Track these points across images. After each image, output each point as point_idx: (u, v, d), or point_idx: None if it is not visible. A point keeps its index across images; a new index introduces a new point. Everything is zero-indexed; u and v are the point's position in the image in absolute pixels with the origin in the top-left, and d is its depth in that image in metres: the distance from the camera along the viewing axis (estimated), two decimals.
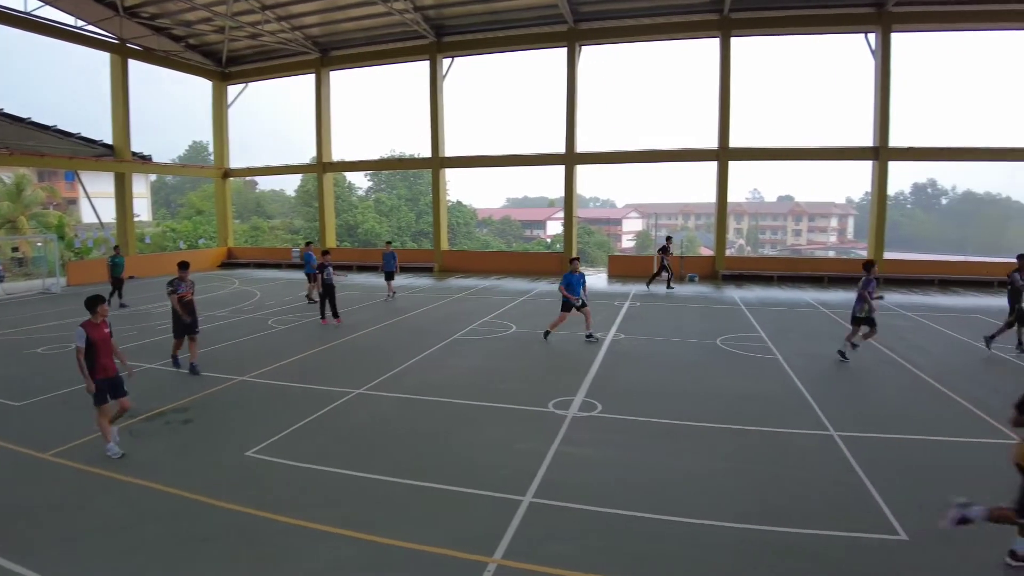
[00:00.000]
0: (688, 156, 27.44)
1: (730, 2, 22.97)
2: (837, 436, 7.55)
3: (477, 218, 63.96)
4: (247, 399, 9.20)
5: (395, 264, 19.69)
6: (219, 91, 31.88)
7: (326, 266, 15.24)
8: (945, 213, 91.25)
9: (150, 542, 5.20)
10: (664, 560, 4.93)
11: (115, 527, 5.45)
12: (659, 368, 11.01)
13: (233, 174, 33.71)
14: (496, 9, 25.03)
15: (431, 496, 6.00)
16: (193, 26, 26.96)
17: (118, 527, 5.45)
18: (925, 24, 23.39)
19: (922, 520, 5.44)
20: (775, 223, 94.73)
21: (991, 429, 7.82)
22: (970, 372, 10.70)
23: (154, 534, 5.33)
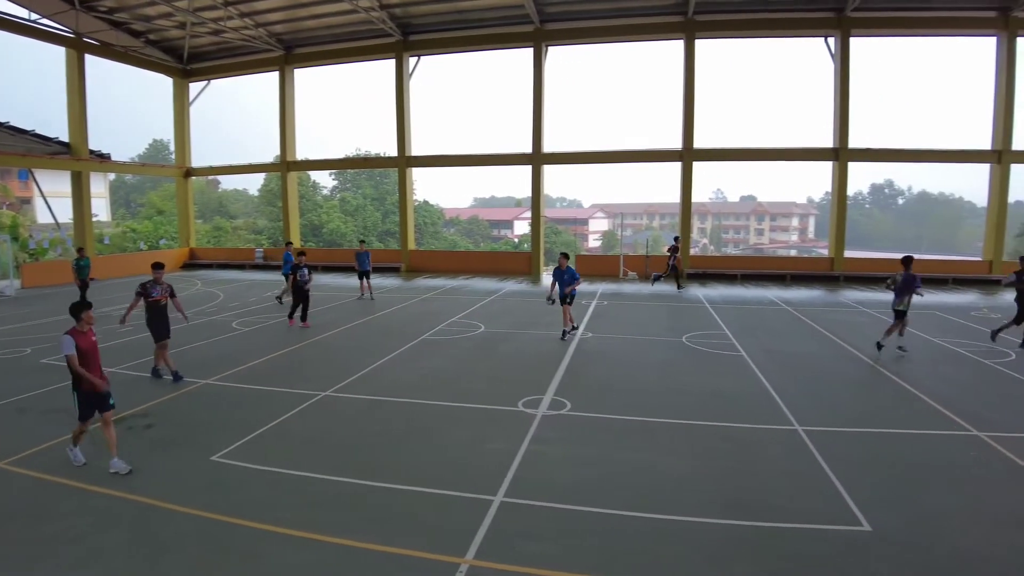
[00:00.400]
0: (653, 157, 27.69)
1: (694, 5, 23.28)
2: (802, 431, 7.69)
3: (444, 218, 63.67)
4: (212, 403, 9.01)
5: (369, 263, 19.44)
6: (180, 88, 31.16)
7: (300, 267, 14.82)
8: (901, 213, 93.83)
9: (111, 551, 5.06)
10: (634, 556, 4.97)
11: (74, 536, 5.28)
12: (627, 366, 11.09)
13: (195, 173, 32.98)
14: (463, 8, 24.96)
15: (402, 498, 5.95)
16: (153, 21, 26.28)
17: (77, 536, 5.28)
18: (882, 30, 24.11)
19: (885, 511, 5.58)
20: (738, 223, 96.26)
21: (949, 422, 8.05)
22: (928, 367, 11.00)
23: (115, 542, 5.18)
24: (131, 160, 45.68)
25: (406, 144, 28.40)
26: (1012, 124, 23.38)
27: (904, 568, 4.75)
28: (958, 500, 5.85)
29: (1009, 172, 23.80)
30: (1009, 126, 23.37)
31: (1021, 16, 22.52)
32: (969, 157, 25.09)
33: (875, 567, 4.76)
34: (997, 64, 23.51)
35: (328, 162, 35.89)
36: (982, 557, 4.88)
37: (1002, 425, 7.86)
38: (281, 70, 29.25)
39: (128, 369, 10.75)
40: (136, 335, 13.64)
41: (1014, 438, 7.41)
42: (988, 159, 24.05)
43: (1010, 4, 22.35)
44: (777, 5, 23.60)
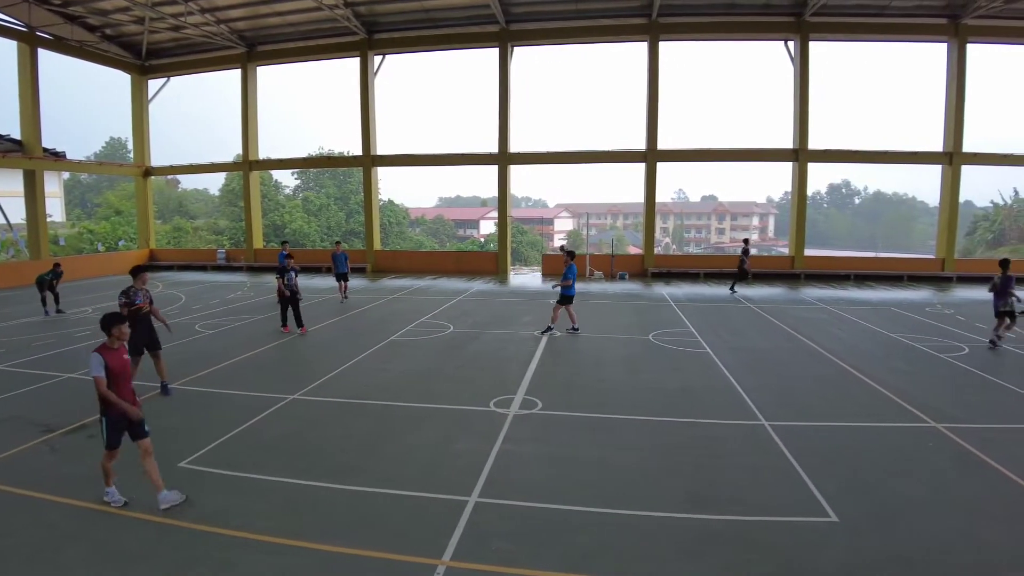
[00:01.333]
0: (618, 157, 27.95)
1: (658, 7, 23.58)
2: (768, 425, 7.86)
3: (409, 217, 63.29)
4: (177, 408, 8.81)
5: (347, 265, 19.23)
6: (138, 85, 30.37)
7: (288, 270, 14.00)
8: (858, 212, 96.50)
9: (72, 565, 4.85)
10: (607, 552, 5.02)
11: (29, 553, 5.04)
12: (596, 364, 11.19)
13: (154, 172, 32.19)
14: (428, 7, 24.86)
15: (375, 501, 5.91)
16: (109, 15, 25.54)
17: (32, 552, 5.04)
18: (839, 34, 24.76)
19: (851, 502, 5.75)
20: (699, 222, 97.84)
21: (908, 414, 8.32)
22: (886, 361, 11.32)
23: (76, 556, 4.97)
24: (87, 159, 44.46)
25: (371, 143, 28.17)
26: (962, 127, 24.25)
27: (870, 556, 4.89)
28: (918, 489, 6.05)
29: (960, 173, 24.67)
30: (959, 129, 24.23)
31: (970, 24, 23.38)
32: (922, 159, 25.95)
33: (843, 556, 4.90)
34: (948, 69, 24.35)
35: (291, 161, 35.34)
36: (942, 543, 5.06)
37: (956, 417, 8.15)
38: (243, 68, 28.74)
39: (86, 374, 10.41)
40: (98, 339, 13.30)
41: (968, 428, 7.69)
42: (940, 160, 24.91)
43: (959, 12, 23.17)
44: (739, 9, 24.07)
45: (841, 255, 33.02)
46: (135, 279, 9.33)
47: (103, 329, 5.84)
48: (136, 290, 9.25)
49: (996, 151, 25.34)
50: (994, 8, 22.19)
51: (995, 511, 5.65)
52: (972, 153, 24.64)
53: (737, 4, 23.84)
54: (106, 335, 5.81)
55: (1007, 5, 21.99)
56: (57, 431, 7.70)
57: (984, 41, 24.22)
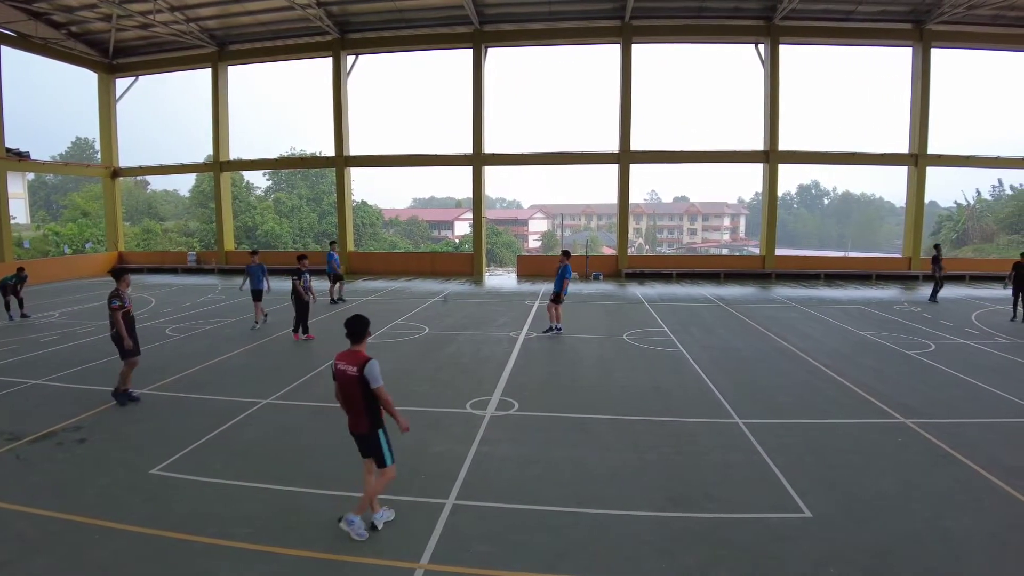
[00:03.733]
0: (591, 159, 28.13)
1: (631, 10, 23.76)
2: (742, 423, 7.95)
3: (383, 219, 62.86)
4: (148, 414, 8.63)
5: (339, 265, 19.00)
6: (105, 84, 29.74)
7: (303, 272, 13.58)
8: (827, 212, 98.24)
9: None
10: (584, 551, 5.04)
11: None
12: (571, 364, 11.24)
13: (123, 173, 31.52)
14: (402, 8, 24.74)
15: (352, 505, 5.84)
16: (75, 12, 24.92)
17: (2, 562, 4.89)
18: (808, 38, 25.23)
19: (824, 497, 5.84)
20: (672, 223, 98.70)
21: (878, 410, 8.48)
22: (856, 359, 11.53)
23: (46, 567, 4.83)
24: (52, 159, 43.42)
25: (344, 144, 27.96)
26: (927, 130, 24.85)
27: (843, 550, 4.98)
28: (889, 484, 6.17)
29: (925, 174, 25.26)
30: (924, 131, 24.81)
31: (934, 29, 23.96)
32: (889, 160, 26.52)
33: (817, 550, 4.97)
34: (913, 73, 24.94)
35: (263, 162, 34.96)
36: (912, 536, 5.17)
37: (924, 412, 8.33)
38: (214, 67, 28.32)
39: (55, 380, 10.21)
40: (65, 344, 13.03)
41: (935, 424, 7.86)
42: (906, 162, 25.48)
43: (923, 18, 23.73)
44: (710, 12, 24.38)
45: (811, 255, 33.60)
46: (119, 281, 8.96)
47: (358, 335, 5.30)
48: (125, 292, 8.91)
49: (959, 153, 26.02)
50: (957, 14, 22.76)
51: (963, 503, 5.78)
52: (936, 155, 25.26)
53: (708, 7, 24.13)
54: (358, 343, 5.30)
55: (969, 11, 22.57)
56: (23, 439, 7.50)
57: (947, 46, 24.87)
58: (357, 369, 5.13)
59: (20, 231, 37.56)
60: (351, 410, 5.28)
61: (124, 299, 8.84)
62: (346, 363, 5.21)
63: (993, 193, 56.01)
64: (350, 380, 5.17)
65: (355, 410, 5.25)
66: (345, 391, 5.24)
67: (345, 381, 5.21)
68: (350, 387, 5.18)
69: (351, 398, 5.22)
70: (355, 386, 5.15)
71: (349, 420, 5.36)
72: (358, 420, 5.28)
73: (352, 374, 5.15)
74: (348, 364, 5.20)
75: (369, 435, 5.27)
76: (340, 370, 5.23)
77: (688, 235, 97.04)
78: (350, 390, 5.20)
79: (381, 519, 5.41)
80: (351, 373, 5.16)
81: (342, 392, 5.29)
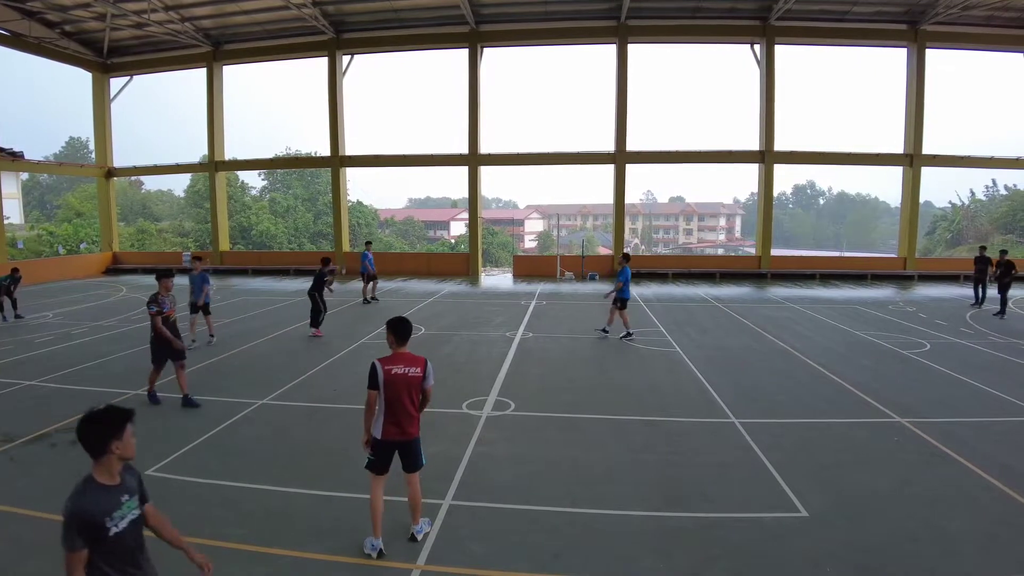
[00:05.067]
0: (587, 159, 28.19)
1: (626, 10, 23.78)
2: (737, 422, 7.96)
3: (379, 219, 62.77)
4: (142, 414, 8.39)
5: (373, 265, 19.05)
6: (100, 84, 29.61)
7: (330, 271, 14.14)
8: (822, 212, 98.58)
9: None
10: (579, 551, 5.04)
11: None
12: (568, 364, 11.24)
13: (117, 173, 31.42)
14: (398, 7, 24.70)
15: (347, 506, 5.82)
16: (69, 12, 24.82)
17: None
18: (804, 39, 25.28)
19: (820, 497, 5.85)
20: (667, 223, 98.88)
21: (873, 409, 8.50)
22: (852, 358, 11.55)
23: (42, 570, 4.76)
24: (46, 159, 43.22)
25: (339, 143, 27.91)
26: (922, 130, 24.93)
27: (839, 549, 4.98)
28: (885, 483, 6.18)
29: (920, 174, 25.35)
30: (919, 132, 24.89)
31: (928, 30, 24.03)
32: (884, 160, 26.61)
33: (814, 550, 4.98)
34: (908, 74, 25.00)
35: (258, 162, 34.87)
36: (908, 535, 5.18)
37: (919, 411, 8.35)
38: (209, 67, 28.23)
39: (49, 381, 10.16)
40: (59, 345, 12.97)
41: (930, 423, 7.88)
42: (901, 162, 25.56)
43: (918, 18, 23.80)
44: (706, 12, 24.42)
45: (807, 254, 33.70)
46: (160, 284, 8.73)
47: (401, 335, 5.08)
48: (163, 297, 8.66)
49: (954, 153, 26.10)
50: (951, 15, 22.85)
51: (958, 502, 5.80)
52: (931, 155, 25.34)
53: (704, 8, 24.17)
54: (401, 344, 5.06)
55: (964, 12, 22.66)
56: (17, 440, 7.46)
57: (942, 47, 24.95)
58: (420, 369, 4.96)
59: (14, 231, 37.40)
60: (407, 415, 4.94)
61: (162, 304, 8.58)
62: (406, 365, 4.93)
63: (987, 193, 56.38)
64: (414, 382, 4.93)
65: (411, 415, 4.97)
66: (407, 395, 4.91)
67: (409, 384, 4.91)
68: (413, 390, 4.93)
69: (411, 402, 4.94)
70: (419, 388, 4.96)
71: (398, 428, 4.94)
72: (411, 427, 5.00)
73: (416, 375, 4.93)
74: (408, 366, 4.93)
75: (418, 439, 5.09)
76: (400, 374, 4.88)
77: (684, 235, 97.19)
78: (413, 394, 4.94)
79: (421, 531, 5.25)
80: (415, 375, 4.93)
81: (401, 397, 4.90)
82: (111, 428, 2.94)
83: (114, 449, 2.93)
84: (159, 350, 8.73)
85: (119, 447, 2.96)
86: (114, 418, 2.97)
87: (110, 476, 3.00)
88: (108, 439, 2.92)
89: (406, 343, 5.05)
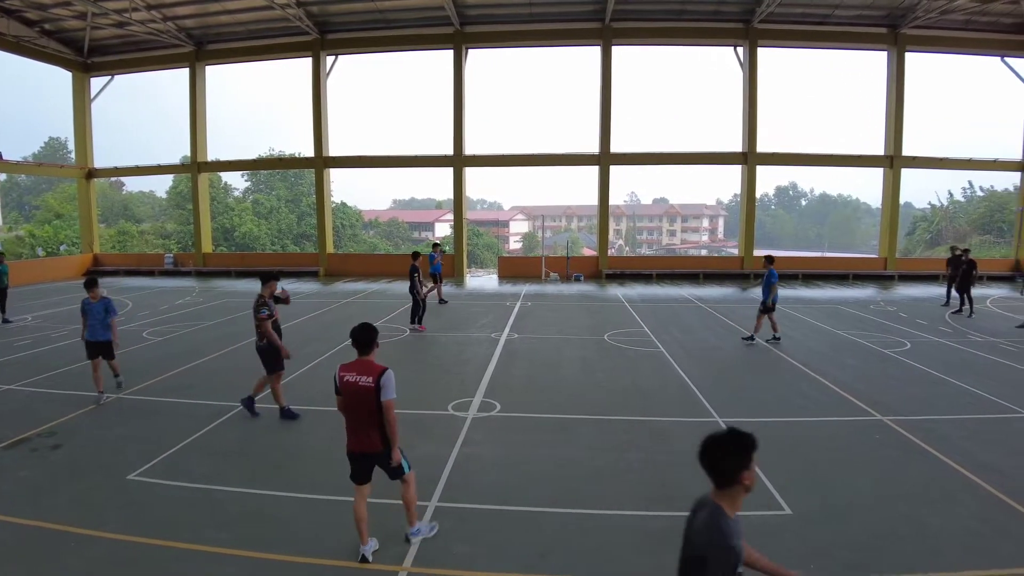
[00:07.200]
0: (572, 160, 28.26)
1: (611, 12, 23.86)
2: (721, 422, 8.02)
3: (363, 220, 62.47)
4: (125, 418, 8.50)
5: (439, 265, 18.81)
6: (80, 83, 29.18)
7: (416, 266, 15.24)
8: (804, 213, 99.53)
9: None
10: (566, 552, 5.05)
11: None
12: (553, 365, 11.26)
13: (98, 174, 30.97)
14: (382, 8, 24.61)
15: (333, 509, 5.78)
16: (49, 10, 24.43)
17: None
18: (786, 41, 25.49)
19: (804, 495, 5.90)
20: (651, 224, 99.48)
21: (855, 408, 8.60)
22: (834, 357, 11.68)
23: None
24: (25, 159, 42.55)
25: (323, 144, 27.76)
26: (902, 132, 25.25)
27: (823, 546, 5.04)
28: (867, 480, 6.26)
29: (900, 176, 25.68)
30: (899, 133, 25.21)
31: (908, 33, 24.35)
32: (865, 162, 26.92)
33: (797, 547, 5.03)
34: (888, 76, 25.32)
35: (241, 163, 34.57)
36: (893, 532, 5.24)
37: (900, 409, 8.46)
38: (192, 67, 27.92)
39: (28, 385, 10.02)
40: (38, 348, 12.79)
41: (912, 421, 7.98)
42: (881, 164, 25.88)
43: (898, 22, 24.11)
44: (690, 15, 24.58)
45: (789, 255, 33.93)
46: (264, 287, 8.39)
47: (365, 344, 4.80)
48: (269, 300, 8.34)
49: (933, 155, 26.47)
50: (931, 19, 23.16)
51: (938, 498, 5.88)
52: (911, 157, 25.66)
53: (687, 10, 24.33)
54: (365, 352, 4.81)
55: (942, 16, 22.98)
56: None
57: (922, 50, 25.27)
58: (373, 379, 4.65)
59: None
60: (360, 427, 4.76)
61: (272, 307, 8.30)
62: (356, 373, 4.71)
63: (964, 195, 57.30)
64: (363, 392, 4.66)
65: (366, 426, 4.74)
66: (355, 405, 4.73)
67: (356, 393, 4.69)
68: (363, 401, 4.68)
69: (363, 413, 4.72)
70: (369, 399, 4.66)
71: (354, 439, 4.81)
72: (368, 438, 4.77)
73: (367, 385, 4.65)
74: (360, 374, 4.70)
75: (383, 454, 4.82)
76: (349, 382, 4.71)
77: (668, 236, 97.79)
78: (363, 404, 4.69)
79: (420, 534, 5.17)
80: (365, 384, 4.66)
81: (351, 407, 4.76)
82: (743, 457, 2.65)
83: (744, 480, 2.63)
84: (274, 355, 8.33)
85: (748, 478, 2.64)
86: (745, 445, 2.66)
87: (734, 509, 2.68)
88: (740, 468, 2.63)
89: (367, 351, 4.79)
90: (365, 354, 4.79)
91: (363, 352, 4.79)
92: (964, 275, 16.65)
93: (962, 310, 16.69)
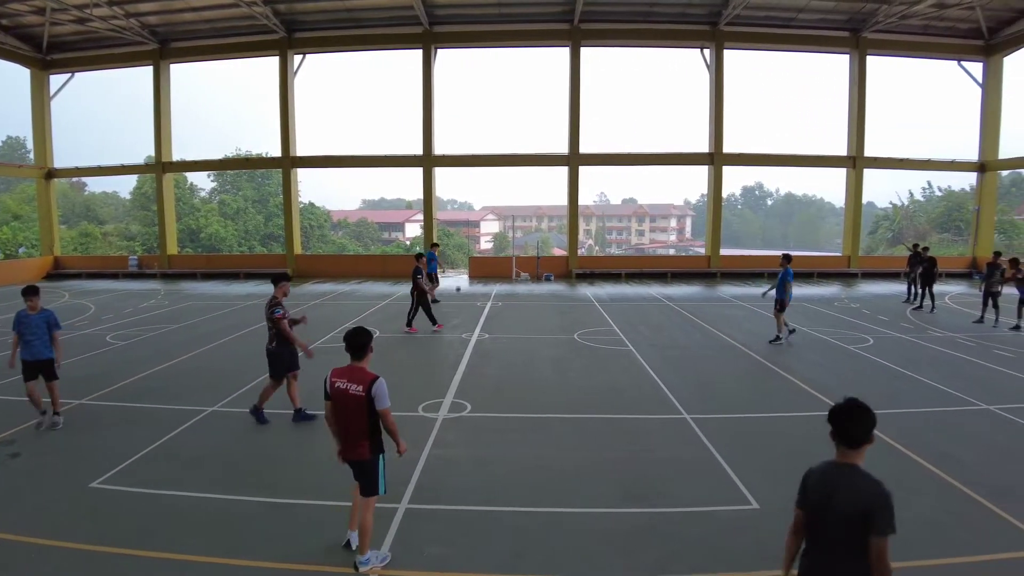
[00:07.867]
0: (542, 161, 28.37)
1: (580, 14, 23.99)
2: (690, 419, 8.12)
3: (332, 220, 61.80)
4: (87, 425, 8.27)
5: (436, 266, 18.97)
6: (39, 80, 28.33)
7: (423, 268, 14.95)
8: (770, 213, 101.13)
9: None
10: (540, 551, 5.06)
11: None
12: (523, 364, 11.28)
13: (58, 174, 30.15)
14: (351, 7, 24.43)
15: (302, 512, 5.73)
16: (5, 4, 23.58)
17: None
18: (751, 44, 25.96)
19: (770, 490, 6.00)
20: (620, 224, 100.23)
21: (820, 403, 8.74)
22: (800, 354, 11.92)
23: None
24: None
25: (291, 144, 27.43)
26: (864, 133, 25.84)
27: None
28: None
29: (863, 176, 26.28)
30: (861, 135, 25.80)
31: (869, 37, 24.94)
32: (829, 162, 27.52)
33: (765, 540, 5.10)
34: (850, 79, 25.89)
35: (207, 163, 33.99)
36: None
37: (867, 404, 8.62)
38: (155, 64, 27.35)
39: None
40: None
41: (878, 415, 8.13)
42: (844, 164, 26.45)
43: (860, 26, 24.67)
44: (658, 17, 24.85)
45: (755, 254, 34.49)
46: (276, 288, 8.25)
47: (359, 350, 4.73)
48: (280, 300, 8.17)
49: (894, 156, 27.12)
50: (891, 23, 23.75)
51: (902, 491, 5.96)
52: (873, 157, 26.28)
53: (655, 12, 24.59)
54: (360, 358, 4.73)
55: (902, 21, 23.57)
56: None
57: (882, 53, 25.90)
58: (363, 388, 4.58)
59: None
60: (349, 435, 4.69)
61: (285, 307, 8.15)
62: (347, 381, 4.64)
63: (924, 194, 58.90)
64: (354, 400, 4.59)
65: (354, 434, 4.66)
66: (345, 413, 4.65)
67: (347, 401, 4.62)
68: (353, 409, 4.61)
69: (352, 421, 4.64)
70: (360, 407, 4.59)
71: (343, 447, 4.77)
72: (357, 446, 4.69)
73: (357, 393, 4.58)
74: (351, 382, 4.63)
75: (369, 461, 4.74)
76: (340, 389, 4.63)
77: (636, 236, 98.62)
78: (353, 412, 4.62)
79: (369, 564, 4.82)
80: (355, 392, 4.59)
81: (340, 414, 4.68)
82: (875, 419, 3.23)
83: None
84: (282, 363, 8.20)
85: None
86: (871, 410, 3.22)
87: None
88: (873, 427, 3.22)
89: (360, 356, 4.73)
90: (359, 359, 4.72)
91: (356, 357, 4.73)
92: (926, 272, 17.09)
93: (923, 306, 17.14)
